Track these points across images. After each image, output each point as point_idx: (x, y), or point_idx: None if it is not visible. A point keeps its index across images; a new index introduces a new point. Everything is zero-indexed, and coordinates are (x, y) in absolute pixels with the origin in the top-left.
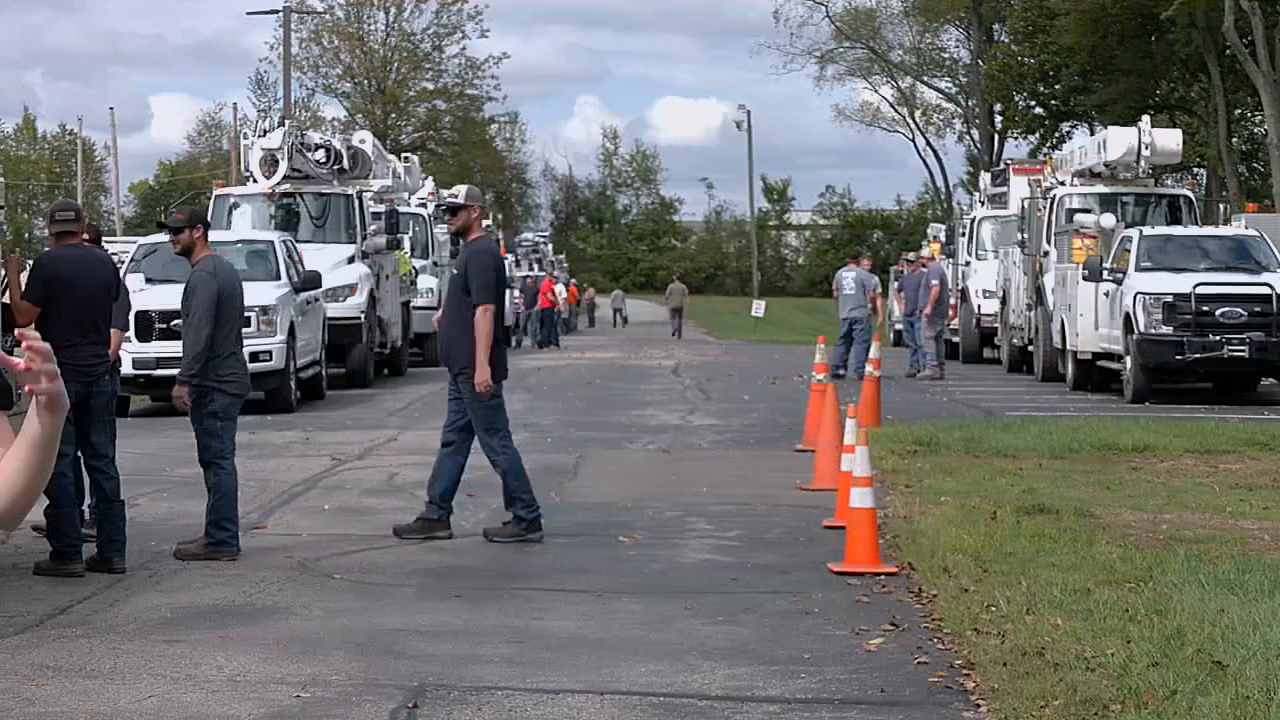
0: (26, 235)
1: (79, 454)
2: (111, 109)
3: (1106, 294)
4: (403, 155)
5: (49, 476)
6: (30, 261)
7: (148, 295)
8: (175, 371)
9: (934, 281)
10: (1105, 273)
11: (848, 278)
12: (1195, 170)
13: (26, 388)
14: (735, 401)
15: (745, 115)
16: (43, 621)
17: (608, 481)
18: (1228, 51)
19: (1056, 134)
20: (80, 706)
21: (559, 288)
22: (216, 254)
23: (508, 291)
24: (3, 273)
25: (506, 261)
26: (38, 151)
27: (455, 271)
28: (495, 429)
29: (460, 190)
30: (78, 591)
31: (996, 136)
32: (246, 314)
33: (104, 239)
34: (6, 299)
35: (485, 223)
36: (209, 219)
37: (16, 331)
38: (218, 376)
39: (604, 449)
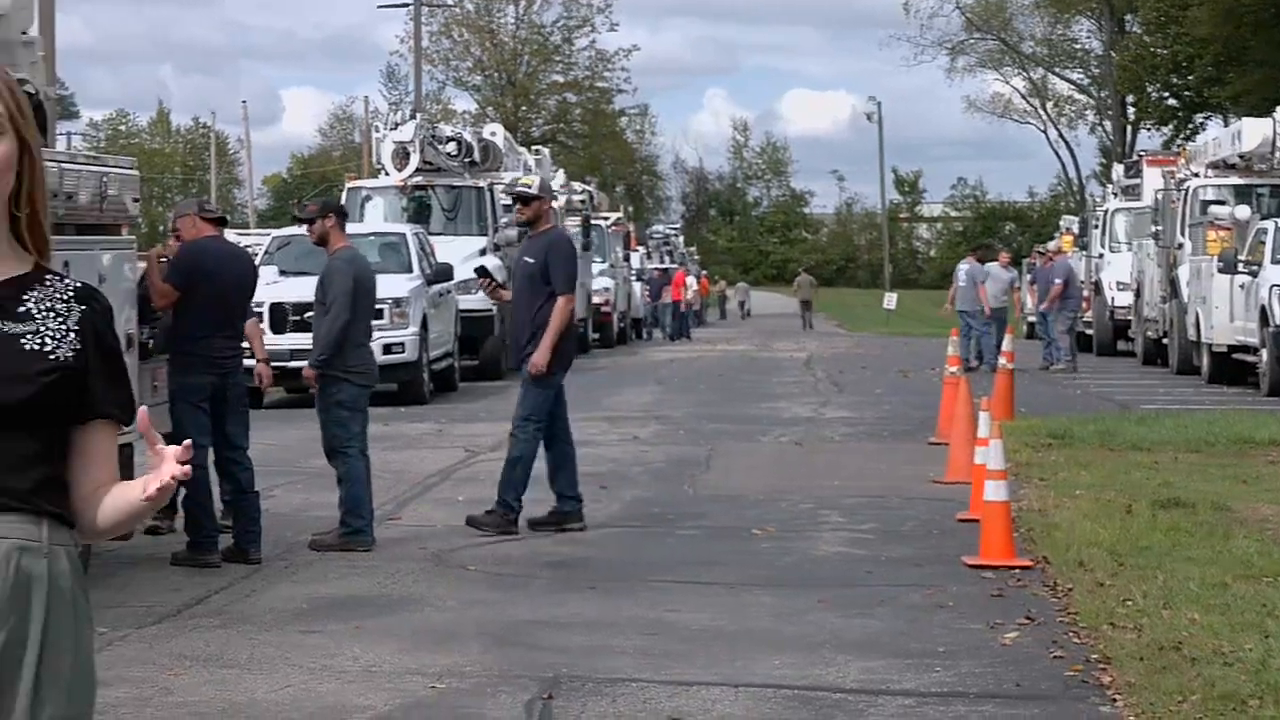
0: (161, 228)
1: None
2: (244, 102)
3: (1242, 286)
4: (533, 148)
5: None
6: (164, 259)
7: (281, 287)
8: (290, 365)
9: (1056, 279)
10: (1240, 265)
11: (961, 270)
12: None
13: (148, 491)
14: (867, 394)
15: (875, 107)
16: (180, 611)
17: (740, 474)
18: None
19: (1190, 125)
20: (217, 696)
21: (690, 280)
22: (352, 245)
23: (637, 284)
24: (142, 264)
25: (637, 254)
26: (171, 145)
27: (529, 260)
28: (533, 419)
29: (533, 180)
30: (214, 582)
31: (1129, 128)
32: (379, 306)
33: (238, 232)
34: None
35: (615, 215)
36: (343, 209)
37: (149, 441)
38: (346, 367)
39: (736, 441)
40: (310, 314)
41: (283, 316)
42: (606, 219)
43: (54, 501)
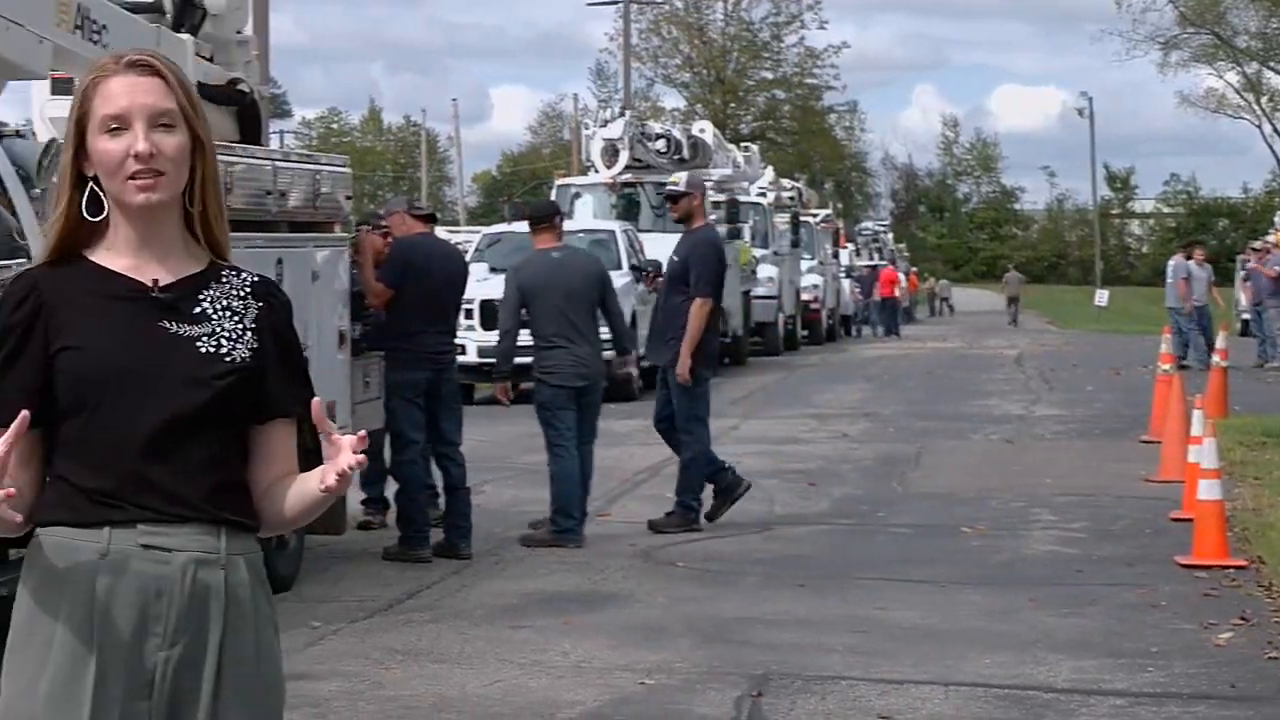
0: (365, 224)
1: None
2: (454, 100)
3: None
4: (742, 145)
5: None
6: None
7: (491, 284)
8: (518, 361)
9: (1277, 266)
10: None
11: (1169, 267)
12: None
13: (326, 482)
14: (1078, 392)
15: (1087, 103)
16: (391, 606)
17: (950, 472)
18: None
19: None
20: (428, 690)
21: (900, 277)
22: (549, 249)
23: (846, 281)
24: (354, 258)
25: (846, 251)
26: (383, 143)
27: (674, 259)
28: (697, 417)
29: (681, 177)
30: (425, 577)
31: None
32: None
33: (448, 229)
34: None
35: (824, 212)
36: (536, 214)
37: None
38: (540, 369)
39: (946, 439)
40: (520, 311)
41: (492, 313)
42: (815, 216)
43: (232, 508)
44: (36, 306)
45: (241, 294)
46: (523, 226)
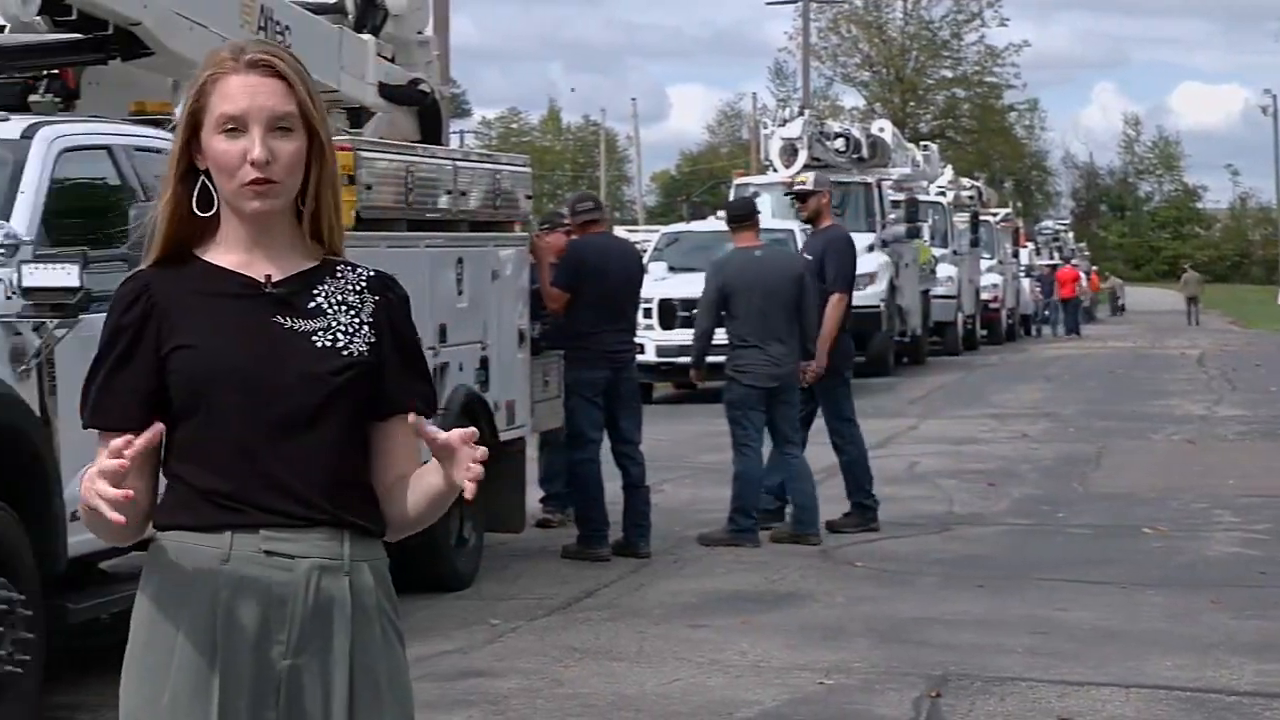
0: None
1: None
2: (634, 100)
3: None
4: (921, 143)
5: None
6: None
7: (670, 284)
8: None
9: None
10: None
11: None
12: None
13: (464, 487)
14: (1261, 392)
15: (1271, 100)
16: (570, 604)
17: (1131, 472)
18: None
19: None
20: (606, 689)
21: (1080, 276)
22: (751, 247)
23: (1026, 280)
24: (531, 259)
25: (1026, 251)
26: (562, 143)
27: (808, 257)
28: (845, 418)
29: (809, 176)
30: (604, 575)
31: None
32: None
33: (627, 228)
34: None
35: (1004, 211)
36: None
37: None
38: (733, 367)
39: (1127, 439)
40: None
41: (671, 312)
42: (995, 215)
43: (356, 511)
44: (148, 307)
45: (357, 288)
46: (701, 225)
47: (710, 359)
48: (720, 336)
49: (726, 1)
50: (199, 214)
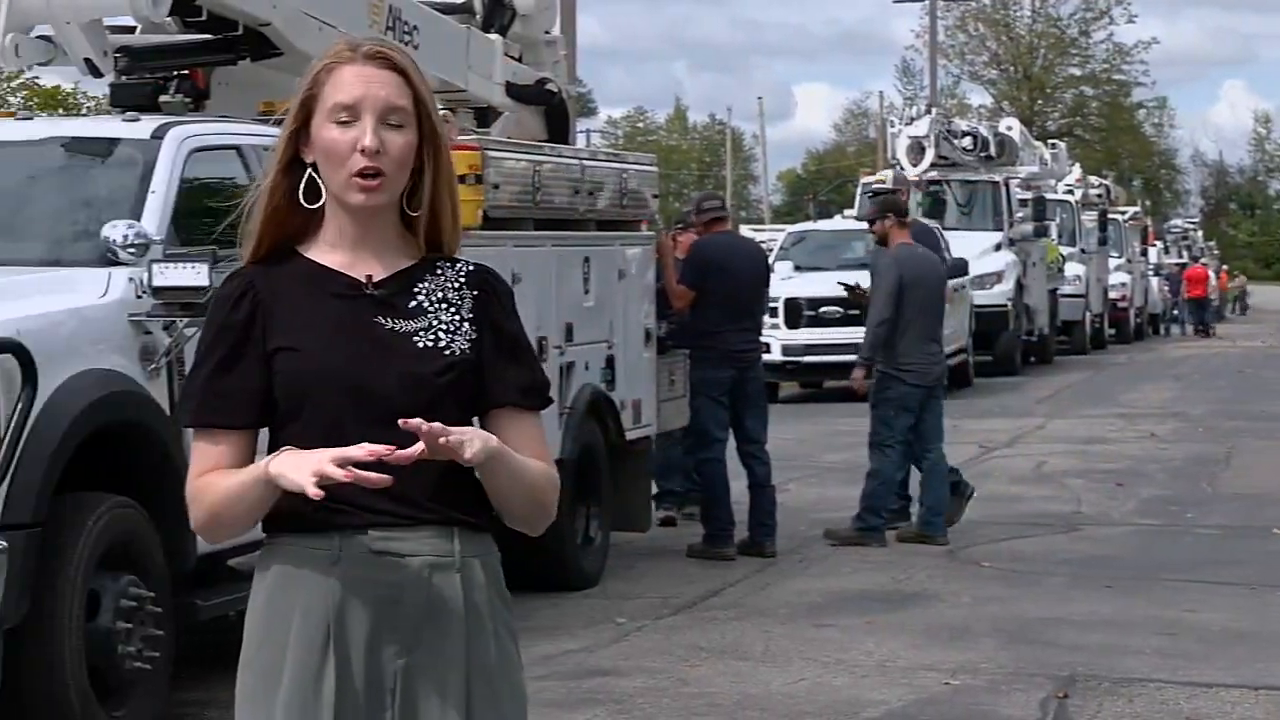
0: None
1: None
2: (760, 99)
3: None
4: (1049, 141)
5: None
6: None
7: (796, 283)
8: (823, 359)
9: None
10: None
11: None
12: None
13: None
14: None
15: None
16: (695, 604)
17: (1260, 472)
18: None
19: None
20: (732, 688)
21: (1210, 275)
22: (915, 243)
23: (1154, 279)
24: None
25: (1154, 249)
26: (688, 142)
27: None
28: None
29: (887, 175)
30: (729, 575)
31: None
32: None
33: (752, 228)
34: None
35: (1132, 209)
36: (899, 207)
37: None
38: (897, 365)
39: (1257, 439)
40: (826, 309)
41: (797, 312)
42: (1123, 213)
43: (464, 507)
44: (254, 305)
45: (456, 284)
46: (828, 224)
47: (810, 359)
48: (828, 335)
49: (851, 0)
50: (305, 206)
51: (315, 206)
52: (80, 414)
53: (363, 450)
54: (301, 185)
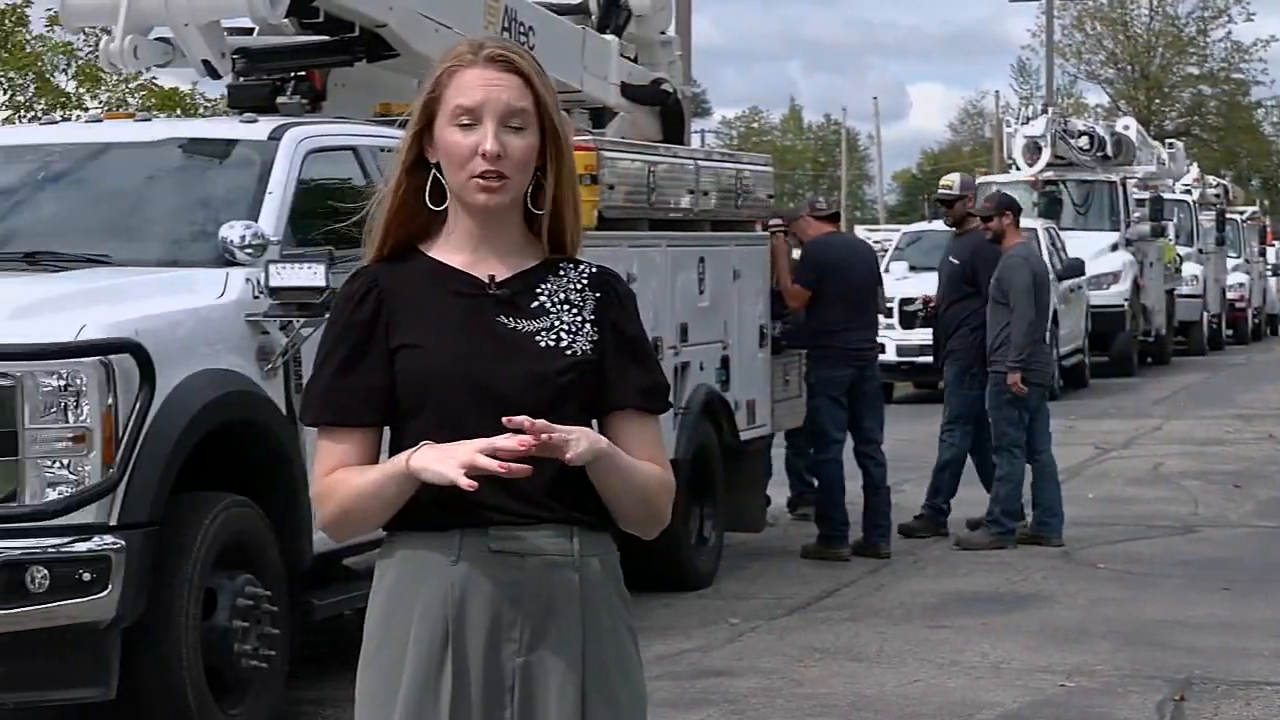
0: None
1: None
2: (875, 99)
3: None
4: (1166, 141)
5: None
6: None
7: (911, 283)
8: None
9: None
10: None
11: None
12: None
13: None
14: None
15: None
16: (810, 604)
17: None
18: None
19: None
20: (846, 689)
21: None
22: (1027, 240)
23: (1273, 279)
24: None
25: (1274, 249)
26: (803, 142)
27: (953, 261)
28: (962, 417)
29: (954, 180)
30: (843, 575)
31: None
32: None
33: (867, 228)
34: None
35: (1250, 209)
36: (1016, 205)
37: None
38: (1023, 365)
39: None
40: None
41: (912, 312)
42: (1241, 213)
43: (583, 506)
44: (377, 304)
45: (579, 286)
46: (943, 224)
47: (925, 360)
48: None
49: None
50: (431, 208)
51: (440, 208)
52: (197, 414)
53: (511, 441)
54: (428, 186)
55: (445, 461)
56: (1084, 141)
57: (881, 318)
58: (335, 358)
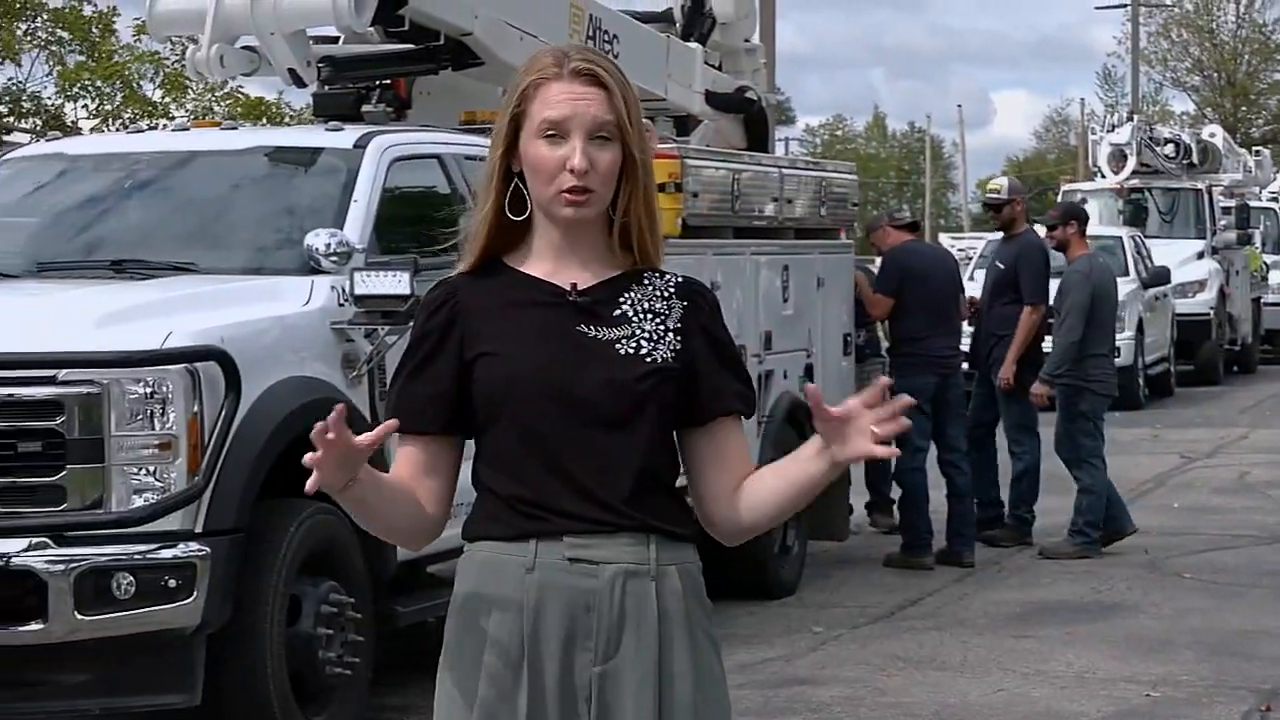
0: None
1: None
2: (959, 106)
3: None
4: (1253, 149)
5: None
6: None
7: None
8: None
9: None
10: None
11: None
12: None
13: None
14: None
15: None
16: (893, 613)
17: None
18: None
19: None
20: (929, 698)
21: None
22: (1094, 251)
23: None
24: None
25: None
26: (887, 149)
27: (999, 265)
28: (1025, 426)
29: (1002, 184)
30: (927, 584)
31: None
32: None
33: (951, 236)
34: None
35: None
36: (1085, 214)
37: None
38: (1087, 377)
39: None
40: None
41: None
42: None
43: (662, 515)
44: (453, 314)
45: (664, 295)
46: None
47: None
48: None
49: (1051, 6)
50: (511, 218)
51: (521, 219)
52: (282, 421)
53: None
54: (507, 198)
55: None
56: (1170, 149)
57: (965, 325)
58: (408, 365)
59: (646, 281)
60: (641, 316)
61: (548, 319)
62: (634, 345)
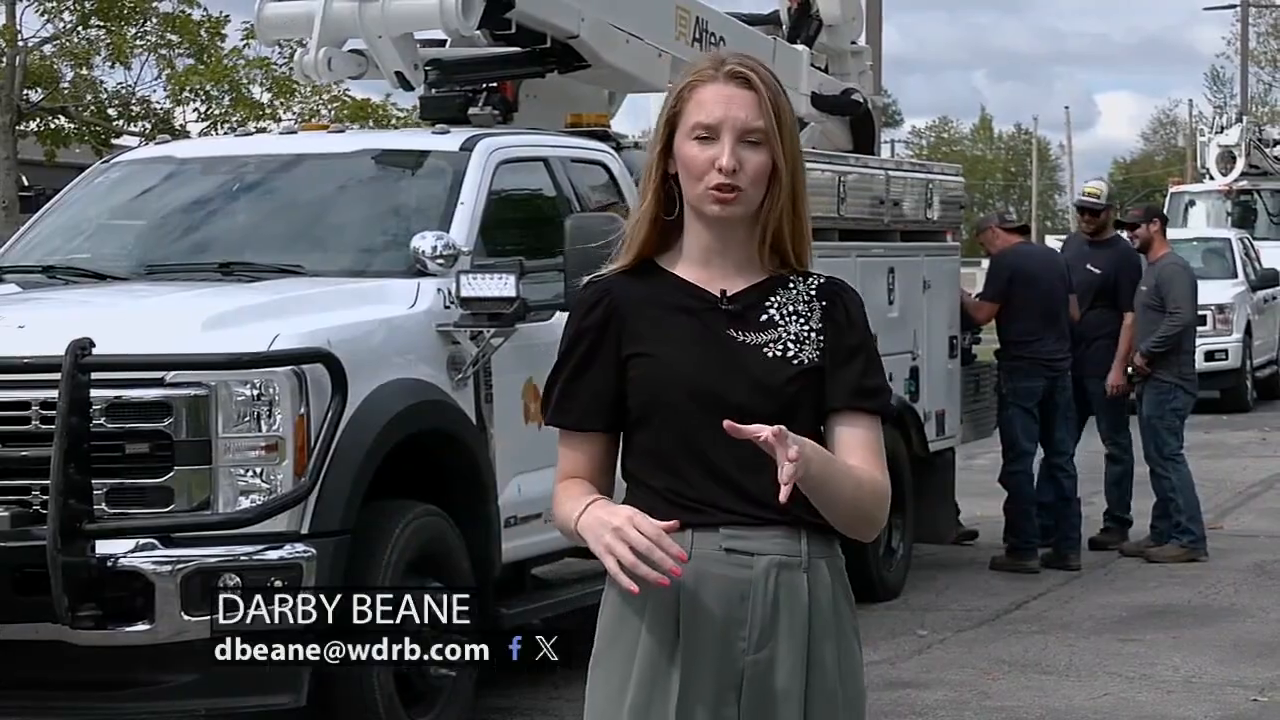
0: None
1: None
2: (1066, 108)
3: None
4: None
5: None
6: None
7: None
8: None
9: None
10: None
11: None
12: None
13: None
14: None
15: None
16: (998, 616)
17: None
18: None
19: None
20: (1034, 702)
21: None
22: (1173, 250)
23: None
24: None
25: None
26: (994, 151)
27: (1093, 270)
28: (1122, 428)
29: (1101, 188)
30: (1033, 588)
31: None
32: (1202, 312)
33: (1057, 238)
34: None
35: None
36: (1165, 214)
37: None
38: (1181, 375)
39: None
40: None
41: None
42: None
43: (813, 510)
44: (608, 312)
45: (808, 297)
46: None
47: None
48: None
49: (1156, 6)
50: (663, 217)
51: (672, 218)
52: (389, 423)
53: (653, 526)
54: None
55: (598, 538)
56: (1279, 150)
57: None
58: (567, 363)
59: (792, 284)
60: (787, 319)
61: (699, 324)
62: (781, 349)
